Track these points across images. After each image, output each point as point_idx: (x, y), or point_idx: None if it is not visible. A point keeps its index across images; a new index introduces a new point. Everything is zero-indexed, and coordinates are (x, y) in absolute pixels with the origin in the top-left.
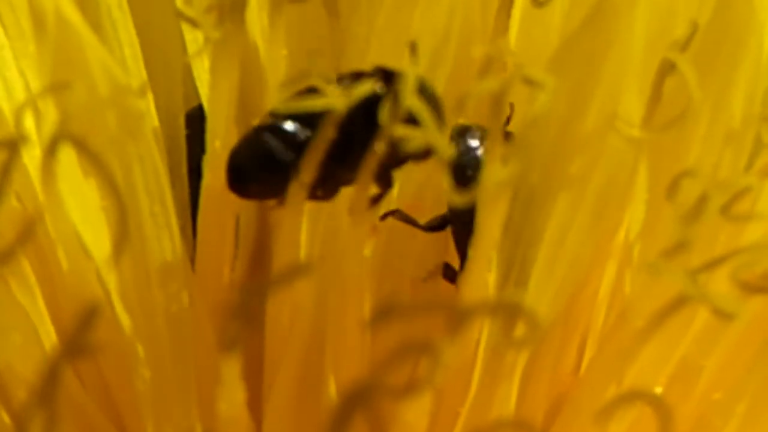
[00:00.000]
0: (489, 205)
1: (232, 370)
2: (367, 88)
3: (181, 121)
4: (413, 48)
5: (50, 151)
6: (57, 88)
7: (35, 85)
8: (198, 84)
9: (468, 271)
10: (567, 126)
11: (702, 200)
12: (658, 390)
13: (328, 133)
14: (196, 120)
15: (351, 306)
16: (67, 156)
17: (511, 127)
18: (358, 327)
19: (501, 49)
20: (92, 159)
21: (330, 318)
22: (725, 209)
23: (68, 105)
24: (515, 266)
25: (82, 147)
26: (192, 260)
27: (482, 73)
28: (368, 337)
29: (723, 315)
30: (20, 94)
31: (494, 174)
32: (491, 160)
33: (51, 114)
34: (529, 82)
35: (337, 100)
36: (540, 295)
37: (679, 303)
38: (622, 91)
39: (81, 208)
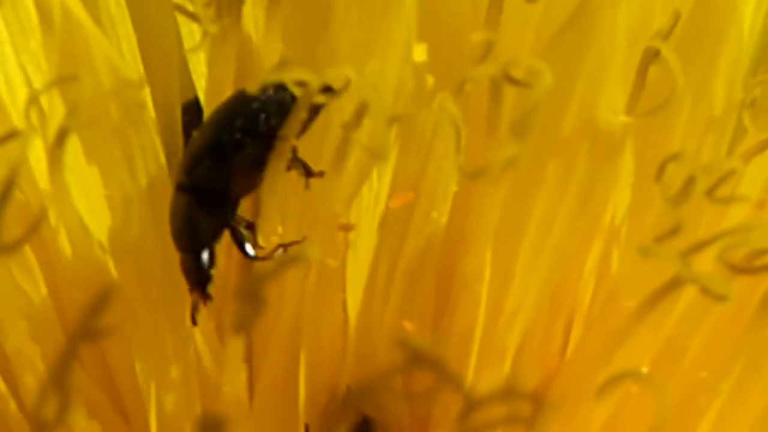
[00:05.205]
0: (490, 188)
1: (235, 353)
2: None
3: (178, 112)
4: None
5: (59, 142)
6: (65, 80)
7: (36, 79)
8: (194, 76)
9: (467, 252)
10: (554, 113)
11: (688, 183)
12: (645, 369)
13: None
14: (192, 109)
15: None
16: (72, 147)
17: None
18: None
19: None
20: (97, 149)
21: (310, 314)
22: (710, 192)
23: (75, 97)
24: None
25: (87, 138)
26: None
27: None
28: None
29: (712, 295)
30: (21, 89)
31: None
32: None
33: (57, 106)
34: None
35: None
36: (529, 276)
37: (671, 284)
38: (607, 78)
39: (85, 197)
